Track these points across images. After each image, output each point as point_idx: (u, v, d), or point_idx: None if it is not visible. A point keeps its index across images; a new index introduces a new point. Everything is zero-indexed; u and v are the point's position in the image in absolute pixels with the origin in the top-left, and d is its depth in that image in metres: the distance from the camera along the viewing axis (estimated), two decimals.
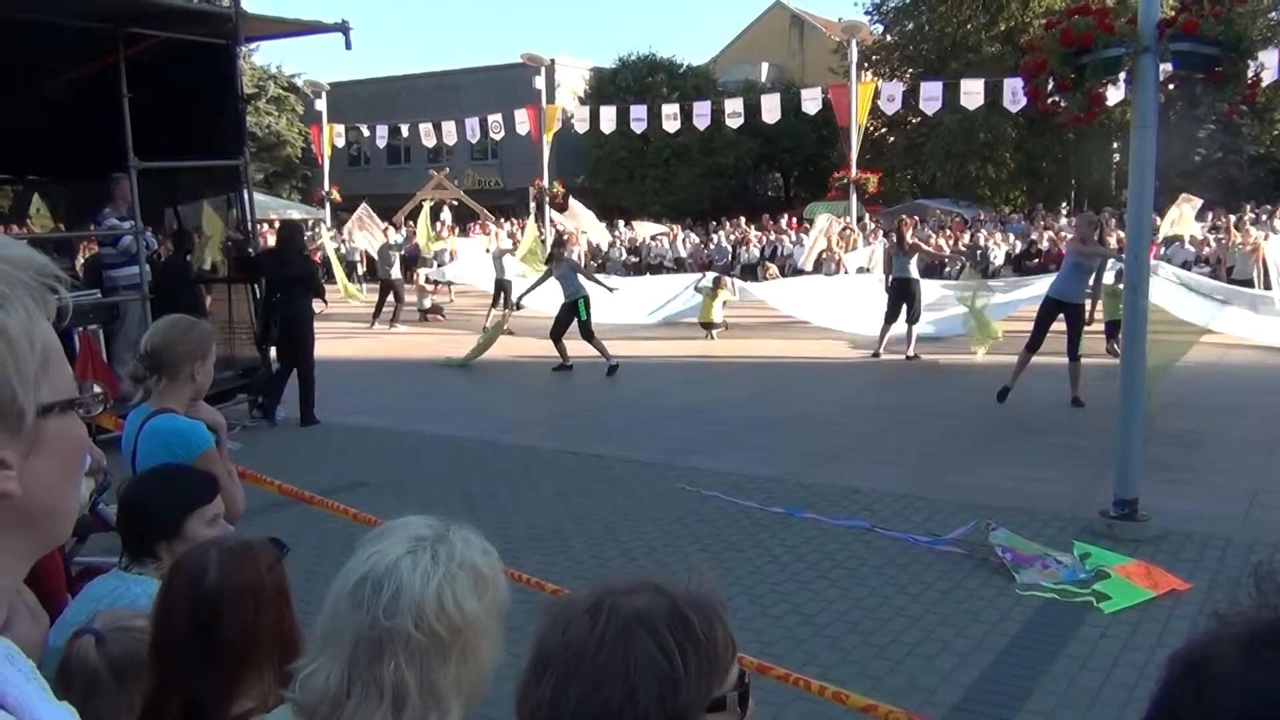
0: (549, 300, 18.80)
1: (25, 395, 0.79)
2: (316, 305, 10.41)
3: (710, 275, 17.23)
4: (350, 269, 27.57)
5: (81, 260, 11.56)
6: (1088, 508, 6.47)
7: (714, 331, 16.00)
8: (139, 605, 2.07)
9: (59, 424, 0.84)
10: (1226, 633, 0.66)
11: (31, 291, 0.81)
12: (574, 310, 12.85)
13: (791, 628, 4.86)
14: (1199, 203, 20.68)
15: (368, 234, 23.48)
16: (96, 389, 0.92)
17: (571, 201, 25.31)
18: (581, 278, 13.27)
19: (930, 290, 14.47)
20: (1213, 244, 19.92)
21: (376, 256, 20.62)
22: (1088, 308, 10.63)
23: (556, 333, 13.00)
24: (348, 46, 9.98)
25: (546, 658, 1.11)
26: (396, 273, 18.53)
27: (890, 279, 13.67)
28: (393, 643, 1.33)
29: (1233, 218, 21.94)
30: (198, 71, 9.37)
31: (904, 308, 13.33)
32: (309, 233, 26.12)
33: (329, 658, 1.37)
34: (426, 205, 23.47)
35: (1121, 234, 15.56)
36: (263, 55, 38.67)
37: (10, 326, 0.78)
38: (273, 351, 9.96)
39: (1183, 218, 20.02)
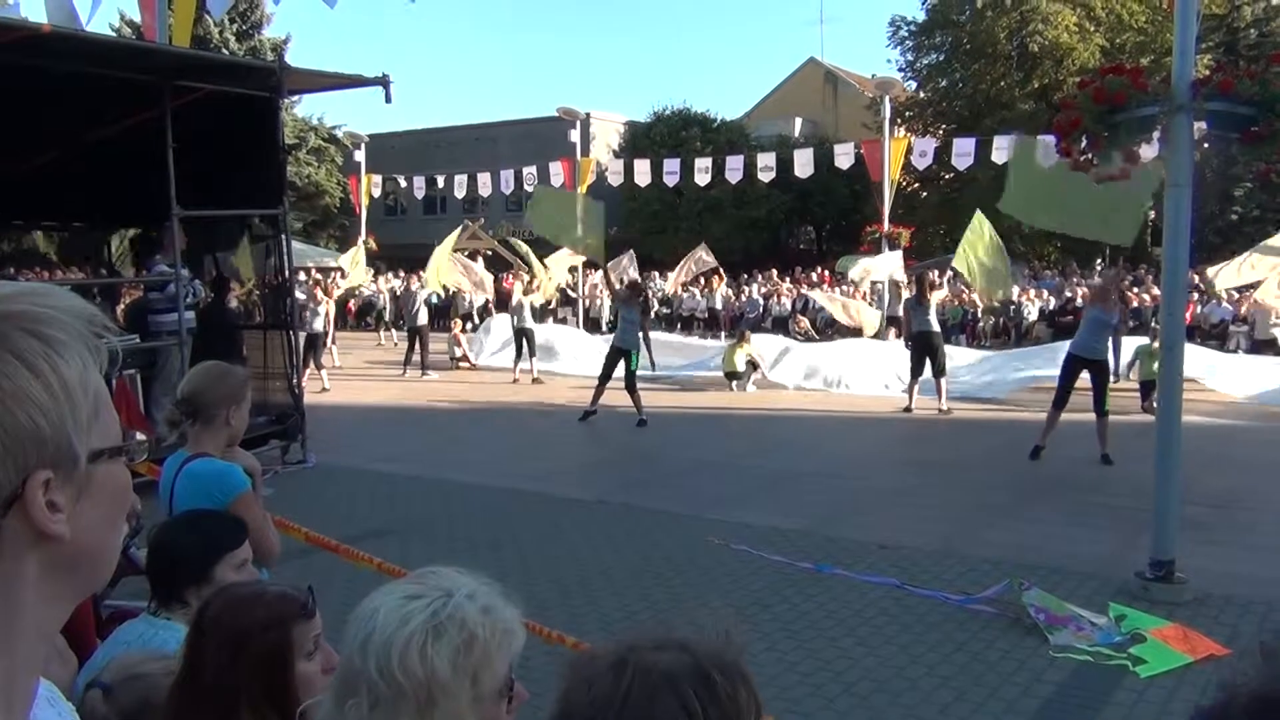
0: (570, 354, 18.80)
1: (79, 440, 0.82)
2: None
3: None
4: (379, 316, 27.85)
5: (122, 306, 11.77)
6: (1123, 568, 6.35)
7: (735, 383, 15.94)
8: (166, 650, 2.08)
9: (107, 470, 0.86)
10: (1233, 703, 0.65)
11: (86, 340, 0.84)
12: (624, 357, 12.78)
13: (820, 685, 4.79)
14: None
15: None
16: (140, 437, 0.95)
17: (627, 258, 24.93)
18: (639, 332, 12.99)
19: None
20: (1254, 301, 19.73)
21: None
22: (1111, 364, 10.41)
23: (604, 375, 12.88)
24: (387, 99, 10.16)
25: (570, 715, 1.11)
26: (423, 319, 18.72)
27: (910, 333, 13.66)
28: (359, 683, 1.34)
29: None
30: (241, 123, 9.58)
31: (928, 361, 13.25)
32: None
33: (329, 690, 1.40)
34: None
35: (1158, 291, 15.45)
36: (304, 107, 39.55)
37: (68, 374, 0.81)
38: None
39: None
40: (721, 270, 27.78)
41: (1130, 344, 13.84)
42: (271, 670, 1.78)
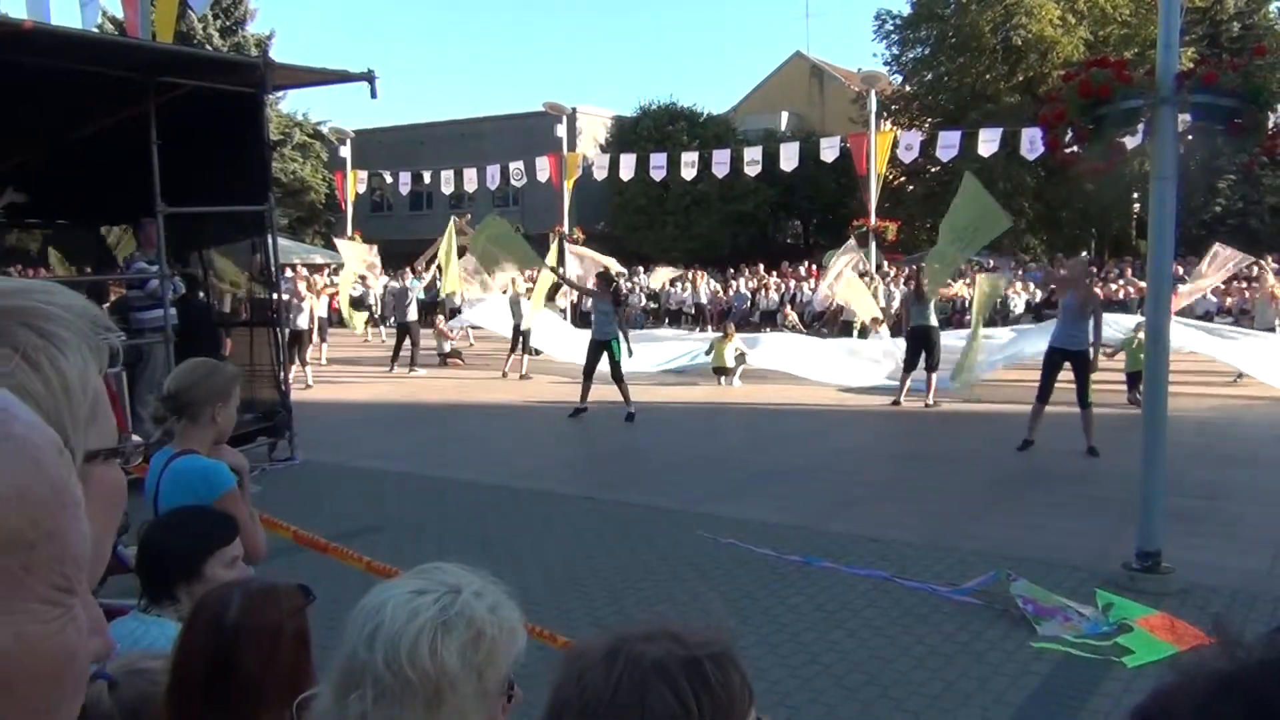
0: (559, 343, 18.64)
1: (76, 439, 0.81)
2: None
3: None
4: (369, 312, 27.72)
5: (109, 303, 11.70)
6: (1110, 559, 6.39)
7: (724, 378, 15.94)
8: (157, 647, 2.07)
9: (102, 471, 0.86)
10: (1184, 685, 0.65)
11: (88, 340, 0.83)
12: (605, 349, 12.63)
13: (809, 678, 4.80)
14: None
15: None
16: (136, 439, 0.94)
17: (582, 249, 24.49)
18: (615, 322, 12.97)
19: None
20: (1245, 294, 19.86)
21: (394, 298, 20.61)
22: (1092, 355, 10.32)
23: (588, 370, 12.82)
24: (373, 95, 10.08)
25: (563, 706, 1.11)
26: (413, 315, 18.62)
27: (909, 327, 13.69)
28: (364, 676, 1.33)
29: (1255, 269, 21.84)
30: (225, 119, 9.52)
31: (923, 355, 13.31)
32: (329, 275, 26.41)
33: (328, 683, 1.39)
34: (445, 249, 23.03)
35: (1142, 284, 15.54)
36: (289, 103, 39.41)
37: (69, 372, 0.80)
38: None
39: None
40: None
41: (1121, 322, 13.96)
42: (299, 658, 1.80)
